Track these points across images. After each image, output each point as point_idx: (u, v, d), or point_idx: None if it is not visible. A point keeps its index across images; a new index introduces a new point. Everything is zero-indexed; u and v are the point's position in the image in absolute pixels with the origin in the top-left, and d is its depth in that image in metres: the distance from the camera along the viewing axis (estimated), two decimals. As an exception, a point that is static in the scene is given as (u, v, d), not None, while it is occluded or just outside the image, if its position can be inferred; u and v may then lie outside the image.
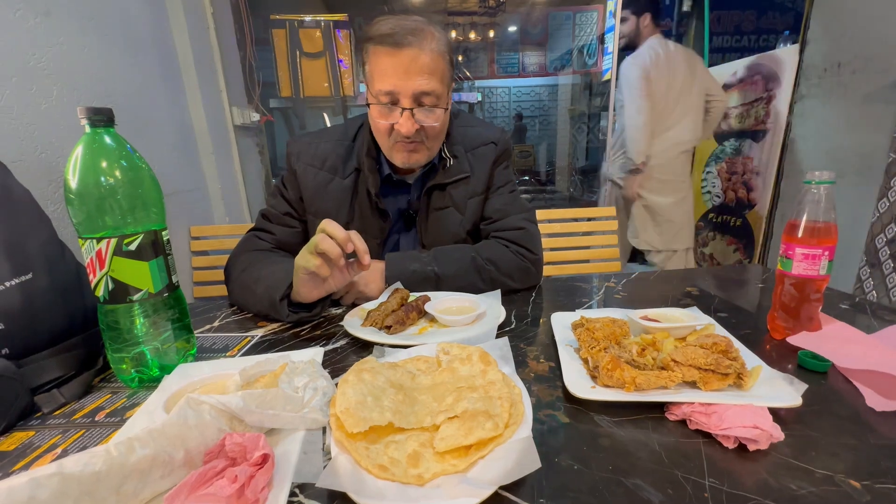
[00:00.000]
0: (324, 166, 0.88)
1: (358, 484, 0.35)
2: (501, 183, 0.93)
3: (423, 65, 0.73)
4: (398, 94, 0.74)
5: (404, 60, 0.72)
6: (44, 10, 0.95)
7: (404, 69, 0.73)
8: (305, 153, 0.88)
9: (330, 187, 0.87)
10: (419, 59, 0.73)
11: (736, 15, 4.48)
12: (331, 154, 0.88)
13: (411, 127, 0.76)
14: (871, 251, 1.54)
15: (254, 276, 0.77)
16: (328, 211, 0.87)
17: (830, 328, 0.60)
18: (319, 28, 1.88)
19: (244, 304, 0.79)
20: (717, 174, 2.43)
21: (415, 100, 0.75)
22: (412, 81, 0.73)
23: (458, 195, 0.90)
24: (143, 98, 1.28)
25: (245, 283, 0.78)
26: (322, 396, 0.45)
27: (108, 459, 0.31)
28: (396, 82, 0.73)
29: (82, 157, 0.49)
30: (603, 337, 0.55)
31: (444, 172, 0.88)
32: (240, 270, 0.81)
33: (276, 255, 0.86)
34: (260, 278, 0.75)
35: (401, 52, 0.72)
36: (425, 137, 0.80)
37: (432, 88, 0.75)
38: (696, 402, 0.43)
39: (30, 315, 0.54)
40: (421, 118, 0.77)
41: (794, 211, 0.58)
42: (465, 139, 0.92)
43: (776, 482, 0.36)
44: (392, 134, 0.79)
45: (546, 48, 5.06)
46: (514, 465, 0.35)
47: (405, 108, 0.75)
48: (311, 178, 0.88)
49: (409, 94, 0.74)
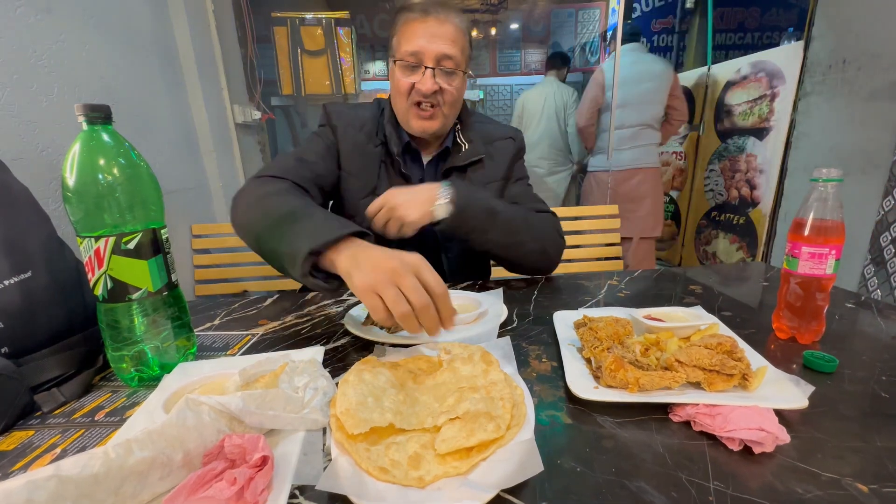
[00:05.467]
0: (362, 129, 0.91)
1: (358, 486, 0.34)
2: (521, 175, 0.99)
3: (448, 32, 0.81)
4: (422, 54, 0.80)
5: (431, 25, 0.80)
6: (45, 7, 0.95)
7: (431, 33, 0.80)
8: (346, 114, 0.92)
9: (365, 150, 0.91)
10: (445, 25, 0.81)
11: (740, 12, 4.45)
12: (368, 121, 0.92)
13: (432, 85, 0.81)
14: (876, 249, 1.53)
15: (286, 205, 0.64)
16: (359, 172, 0.90)
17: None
18: (321, 26, 1.87)
19: (251, 229, 0.67)
20: (719, 172, 2.42)
21: (437, 61, 0.81)
22: (436, 44, 0.80)
23: (477, 180, 0.93)
24: (144, 95, 1.28)
25: (268, 208, 0.65)
26: (322, 397, 0.45)
27: (106, 461, 0.31)
28: (422, 43, 0.80)
29: (80, 155, 0.49)
30: (606, 336, 0.54)
31: (459, 156, 0.92)
32: (265, 193, 0.70)
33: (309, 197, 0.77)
34: (294, 213, 0.62)
35: (428, 18, 0.81)
36: (442, 102, 0.84)
37: (454, 54, 0.81)
38: (700, 404, 0.43)
39: (29, 313, 0.54)
40: (441, 81, 0.82)
41: (801, 209, 0.58)
42: (483, 132, 0.96)
43: (782, 485, 0.35)
44: (411, 94, 0.83)
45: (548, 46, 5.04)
46: (516, 467, 0.35)
47: (428, 66, 0.81)
48: (350, 137, 0.90)
49: (433, 55, 0.80)
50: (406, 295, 0.49)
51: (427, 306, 0.49)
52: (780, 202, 2.03)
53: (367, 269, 0.51)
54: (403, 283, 0.49)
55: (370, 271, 0.50)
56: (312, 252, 0.54)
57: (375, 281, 0.49)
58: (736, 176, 2.30)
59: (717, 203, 2.47)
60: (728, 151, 2.35)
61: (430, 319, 0.50)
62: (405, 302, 0.49)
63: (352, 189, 0.91)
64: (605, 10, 4.28)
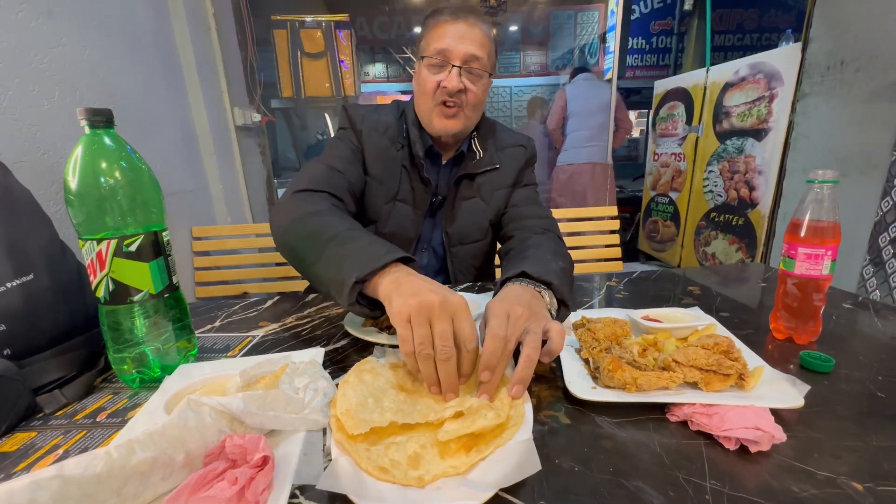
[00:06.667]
0: (385, 133, 0.91)
1: (358, 486, 0.35)
2: (528, 181, 1.00)
3: (476, 35, 0.83)
4: (450, 53, 0.82)
5: (461, 27, 0.82)
6: (46, 11, 0.96)
7: (460, 34, 0.82)
8: (369, 117, 0.92)
9: (388, 154, 0.91)
10: (473, 29, 0.83)
11: (738, 13, 4.47)
12: (391, 125, 0.92)
13: (457, 83, 0.82)
14: (874, 250, 1.53)
15: (330, 227, 0.63)
16: (383, 177, 0.90)
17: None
18: (320, 28, 1.88)
19: (295, 252, 0.65)
20: (719, 173, 2.43)
21: (464, 61, 0.82)
22: (464, 45, 0.82)
23: (485, 186, 0.94)
24: (144, 99, 1.29)
25: (311, 230, 0.64)
26: (323, 397, 0.45)
27: (108, 461, 0.31)
28: (451, 43, 0.81)
29: (82, 158, 0.49)
30: (604, 337, 0.55)
31: (474, 163, 0.93)
32: (307, 212, 0.68)
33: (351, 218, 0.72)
34: (339, 237, 0.60)
35: (458, 21, 0.83)
36: (465, 103, 0.85)
37: (481, 55, 0.83)
38: (697, 403, 0.43)
39: (31, 316, 0.54)
40: (466, 81, 0.83)
41: (797, 210, 0.58)
42: (496, 139, 0.97)
43: (778, 484, 0.35)
44: (436, 93, 0.84)
45: (547, 47, 5.05)
46: (515, 467, 0.35)
47: (455, 65, 0.82)
48: (374, 141, 0.90)
49: (461, 54, 0.81)
50: (434, 340, 0.46)
51: (449, 359, 0.46)
52: (779, 203, 2.03)
53: (407, 295, 0.47)
54: (436, 327, 0.46)
55: (410, 297, 0.47)
56: (359, 281, 0.53)
57: (412, 312, 0.46)
58: (735, 177, 2.31)
59: (717, 204, 2.47)
60: (727, 152, 2.36)
61: (447, 375, 0.46)
62: (431, 345, 0.46)
63: (375, 194, 0.90)
64: (605, 11, 4.29)
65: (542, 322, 0.51)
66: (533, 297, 0.57)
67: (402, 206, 0.91)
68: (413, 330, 0.46)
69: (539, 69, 5.12)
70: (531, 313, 0.52)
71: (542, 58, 5.11)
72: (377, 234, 0.57)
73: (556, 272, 0.63)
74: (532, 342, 0.48)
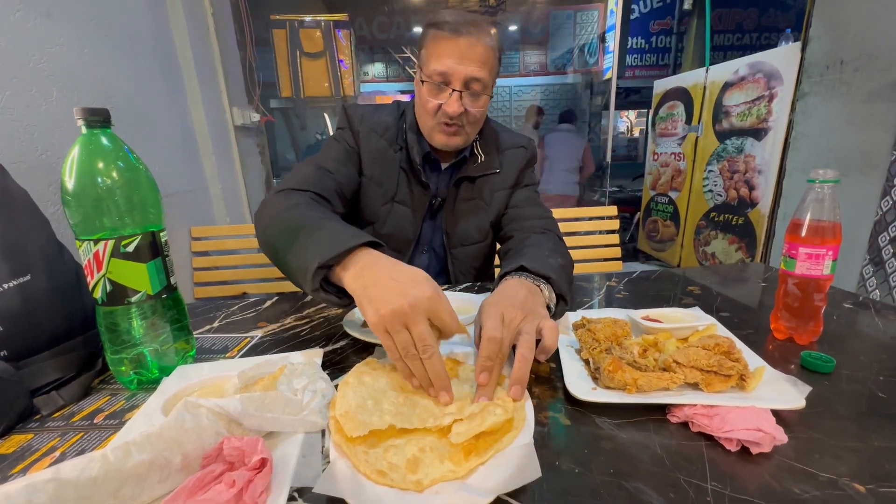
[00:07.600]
0: (384, 135, 0.90)
1: (356, 489, 0.34)
2: (529, 182, 0.99)
3: (478, 54, 0.78)
4: (451, 76, 0.79)
5: (462, 46, 0.78)
6: (44, 12, 0.95)
7: (460, 54, 0.78)
8: (369, 118, 0.91)
9: (386, 156, 0.90)
10: (475, 47, 0.78)
11: (737, 13, 4.47)
12: (391, 126, 0.91)
13: (458, 108, 0.80)
14: (874, 249, 1.53)
15: (301, 218, 0.62)
16: (380, 178, 0.90)
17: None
18: (319, 28, 1.88)
19: (271, 246, 0.65)
20: (718, 173, 2.42)
21: (465, 84, 0.79)
22: (465, 66, 0.78)
23: (486, 188, 0.94)
24: (143, 99, 1.28)
25: (285, 223, 0.63)
26: (321, 399, 0.45)
27: (104, 464, 0.31)
28: (451, 64, 0.78)
29: (79, 159, 0.49)
30: (604, 338, 0.54)
31: (475, 167, 0.92)
32: (285, 207, 0.68)
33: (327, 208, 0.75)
34: (306, 226, 0.59)
35: (459, 39, 0.78)
36: (466, 122, 0.84)
37: (482, 76, 0.79)
38: (698, 404, 0.43)
39: (28, 317, 0.54)
40: (467, 102, 0.81)
41: (798, 210, 0.58)
42: (497, 141, 0.97)
43: (779, 485, 0.35)
44: (437, 114, 0.83)
45: (547, 47, 5.05)
46: (515, 472, 0.35)
47: (455, 89, 0.79)
48: (373, 142, 0.89)
49: (461, 77, 0.78)
50: (415, 342, 0.46)
51: (433, 357, 0.46)
52: (779, 203, 2.03)
53: (378, 304, 0.46)
54: (414, 330, 0.46)
55: (381, 307, 0.46)
56: (321, 266, 0.52)
57: (386, 323, 0.46)
58: (735, 176, 2.31)
59: (716, 204, 2.47)
60: (727, 152, 2.36)
61: (435, 371, 0.46)
62: (414, 346, 0.46)
63: (372, 195, 0.90)
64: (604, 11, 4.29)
65: (535, 322, 0.52)
66: (530, 291, 0.57)
67: (401, 207, 0.91)
68: (393, 338, 0.46)
69: (538, 69, 5.13)
70: (525, 313, 0.52)
71: (542, 57, 5.11)
72: (375, 235, 0.56)
73: (555, 268, 0.63)
74: (526, 343, 0.48)
